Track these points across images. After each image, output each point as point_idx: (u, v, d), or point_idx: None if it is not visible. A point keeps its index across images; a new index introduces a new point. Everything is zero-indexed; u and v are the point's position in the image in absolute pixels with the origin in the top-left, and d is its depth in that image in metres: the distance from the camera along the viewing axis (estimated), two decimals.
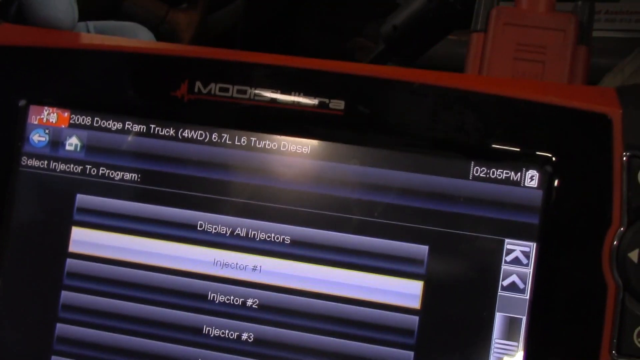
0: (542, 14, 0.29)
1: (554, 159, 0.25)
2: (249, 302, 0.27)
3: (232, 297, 0.27)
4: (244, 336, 0.27)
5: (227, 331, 0.27)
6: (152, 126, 0.28)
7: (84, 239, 0.28)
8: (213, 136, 0.28)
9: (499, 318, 0.26)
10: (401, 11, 0.37)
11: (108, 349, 0.28)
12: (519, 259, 0.26)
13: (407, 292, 0.26)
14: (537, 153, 0.26)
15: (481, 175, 0.26)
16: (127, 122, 0.28)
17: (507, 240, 0.26)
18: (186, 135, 0.28)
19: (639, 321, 0.24)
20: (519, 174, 0.26)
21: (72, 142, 0.29)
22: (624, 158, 0.25)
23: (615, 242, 0.25)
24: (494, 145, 0.26)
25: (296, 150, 0.27)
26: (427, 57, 0.51)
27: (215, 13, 0.67)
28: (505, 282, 0.26)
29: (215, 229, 0.27)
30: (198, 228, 0.28)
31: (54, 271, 0.28)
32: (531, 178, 0.26)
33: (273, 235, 0.27)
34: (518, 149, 0.26)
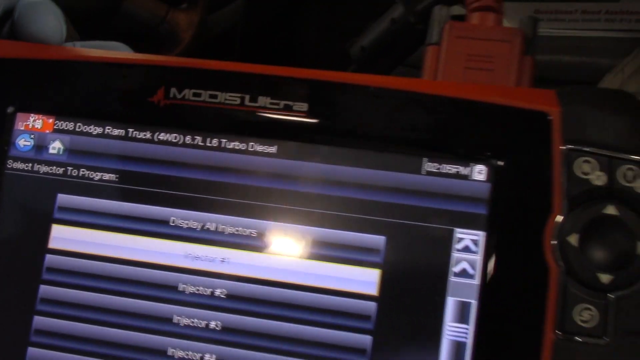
0: (490, 27, 0.31)
1: (500, 154, 0.27)
2: (217, 292, 0.29)
3: (201, 288, 0.29)
4: (212, 324, 0.28)
5: (196, 320, 0.29)
6: (130, 130, 0.30)
7: (63, 236, 0.30)
8: (186, 138, 0.30)
9: (450, 302, 0.27)
10: (368, 33, 0.40)
11: (83, 339, 0.29)
12: (468, 247, 0.27)
13: (366, 279, 0.28)
14: (485, 149, 0.28)
15: (433, 170, 0.28)
16: (107, 127, 0.30)
17: (457, 230, 0.28)
18: (162, 138, 0.30)
19: (579, 300, 0.26)
20: (468, 168, 0.28)
21: (56, 146, 0.31)
22: (563, 151, 0.27)
23: (555, 229, 0.26)
24: (444, 143, 0.28)
25: (263, 150, 0.29)
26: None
27: (215, 13, 0.68)
28: (456, 269, 0.27)
29: (186, 224, 0.29)
30: (170, 224, 0.29)
31: (33, 267, 0.30)
32: (479, 172, 0.28)
33: (241, 229, 0.29)
34: (467, 146, 0.28)
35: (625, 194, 0.26)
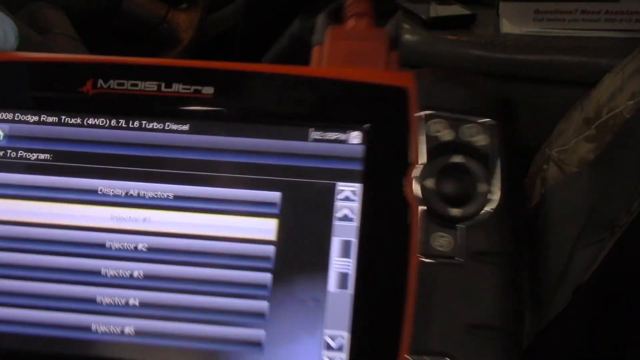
0: (362, 30, 0.38)
1: (371, 122, 0.34)
2: (140, 246, 0.33)
3: (125, 244, 0.34)
4: (135, 273, 0.33)
5: (121, 271, 0.33)
6: (63, 117, 0.35)
7: (4, 208, 0.34)
8: (112, 122, 0.35)
9: (335, 241, 0.33)
10: (273, 48, 0.47)
11: (21, 294, 0.33)
12: (348, 197, 0.33)
13: (266, 228, 0.33)
14: (359, 118, 0.34)
15: (318, 137, 0.34)
16: (42, 115, 0.35)
17: (339, 184, 0.34)
18: (90, 122, 0.35)
19: (434, 229, 0.32)
20: (346, 135, 0.34)
21: None
22: (420, 116, 0.34)
23: (416, 176, 0.33)
24: (326, 115, 0.34)
25: (177, 128, 0.35)
26: (432, 56, 0.55)
27: (215, 13, 0.68)
28: (339, 214, 0.33)
29: (112, 191, 0.34)
30: (98, 192, 0.34)
31: None
32: (355, 137, 0.34)
33: (159, 193, 0.34)
34: (344, 117, 0.34)
35: (468, 147, 0.33)
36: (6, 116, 0.35)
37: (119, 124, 0.35)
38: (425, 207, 0.33)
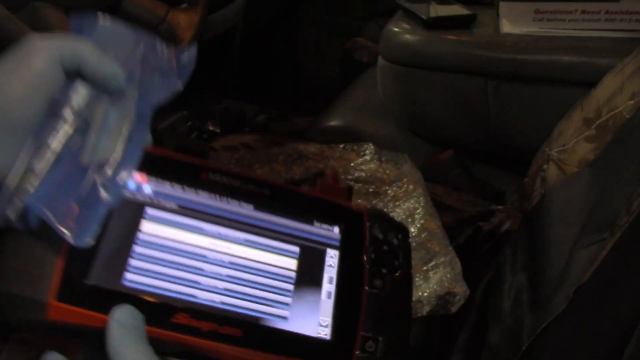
0: (334, 186, 0.74)
1: (344, 223, 0.68)
2: (224, 259, 0.62)
3: (217, 257, 0.62)
4: (222, 272, 0.61)
5: (214, 270, 0.61)
6: (185, 186, 0.64)
7: (146, 226, 0.61)
8: (212, 195, 0.65)
9: (325, 276, 0.64)
10: None
11: (163, 274, 0.59)
12: (332, 256, 0.65)
13: (291, 263, 0.64)
14: (339, 222, 0.68)
15: (317, 225, 0.67)
16: (174, 184, 0.64)
17: (327, 250, 0.66)
18: (200, 193, 0.65)
19: (374, 276, 0.65)
20: (332, 227, 0.67)
21: (145, 187, 0.63)
22: (369, 225, 0.68)
23: (366, 251, 0.66)
24: (324, 216, 0.67)
25: (247, 206, 0.65)
26: (432, 56, 0.60)
27: (215, 13, 0.72)
28: (327, 264, 0.65)
29: (210, 230, 0.63)
30: (203, 229, 0.63)
31: (131, 235, 0.60)
32: (336, 229, 0.67)
33: (236, 235, 0.64)
34: (331, 219, 0.68)
35: (390, 243, 0.68)
36: (152, 180, 0.64)
37: (216, 197, 0.65)
38: (370, 265, 0.66)
